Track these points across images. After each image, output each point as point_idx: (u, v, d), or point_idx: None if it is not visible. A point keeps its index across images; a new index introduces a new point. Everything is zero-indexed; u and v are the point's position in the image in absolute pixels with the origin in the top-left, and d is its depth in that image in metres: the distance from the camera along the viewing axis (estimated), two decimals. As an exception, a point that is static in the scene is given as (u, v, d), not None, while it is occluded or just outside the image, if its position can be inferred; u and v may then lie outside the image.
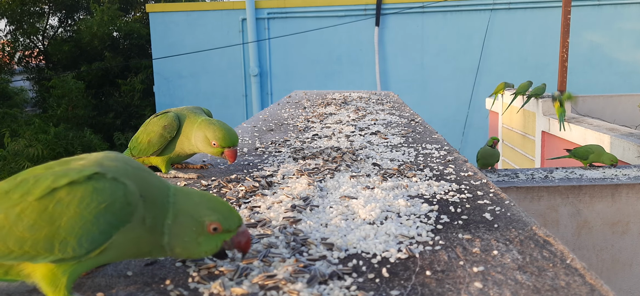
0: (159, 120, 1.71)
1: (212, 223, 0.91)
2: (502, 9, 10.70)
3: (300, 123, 2.85)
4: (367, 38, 10.92)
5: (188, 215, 0.90)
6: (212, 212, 0.91)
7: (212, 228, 0.91)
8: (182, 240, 0.90)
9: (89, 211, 0.81)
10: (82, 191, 0.82)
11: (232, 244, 0.94)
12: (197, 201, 0.92)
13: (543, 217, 3.26)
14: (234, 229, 0.93)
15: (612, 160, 3.58)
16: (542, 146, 6.26)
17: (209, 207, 0.92)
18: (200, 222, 0.90)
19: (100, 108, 13.66)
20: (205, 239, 0.91)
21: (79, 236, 0.81)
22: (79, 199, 0.81)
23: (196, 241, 0.90)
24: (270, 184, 1.58)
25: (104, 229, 0.82)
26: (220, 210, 0.93)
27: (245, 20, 10.92)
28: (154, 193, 0.90)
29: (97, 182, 0.83)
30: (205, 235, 0.91)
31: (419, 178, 1.62)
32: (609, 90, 9.68)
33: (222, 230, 0.91)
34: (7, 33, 16.33)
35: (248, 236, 0.95)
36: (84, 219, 0.81)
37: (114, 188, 0.84)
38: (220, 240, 0.92)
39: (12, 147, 9.86)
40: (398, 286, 0.92)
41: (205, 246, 0.91)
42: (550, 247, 1.05)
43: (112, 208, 0.82)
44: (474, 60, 10.81)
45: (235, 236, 0.94)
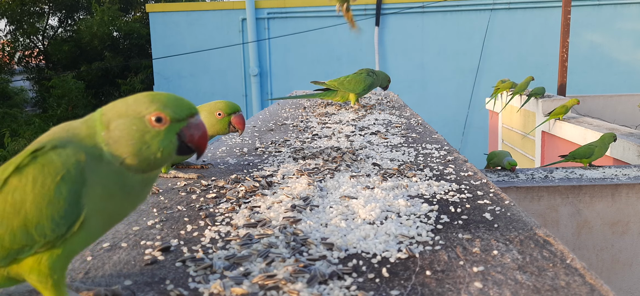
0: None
1: (152, 114, 0.79)
2: (502, 9, 10.70)
3: (300, 123, 2.85)
4: (367, 38, 10.92)
5: (121, 116, 0.80)
6: (150, 103, 0.80)
7: (154, 119, 0.80)
8: (126, 145, 0.79)
9: (47, 187, 0.76)
10: (32, 172, 0.77)
11: (185, 137, 0.82)
12: (131, 100, 0.82)
13: (543, 217, 3.26)
14: (183, 117, 0.82)
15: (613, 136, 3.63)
16: (542, 146, 6.26)
17: (145, 100, 0.81)
18: (139, 117, 0.80)
19: (100, 108, 13.65)
20: (153, 136, 0.80)
21: (50, 216, 0.76)
22: (32, 181, 0.77)
23: (143, 141, 0.79)
24: (270, 184, 1.58)
25: (71, 199, 0.77)
26: (160, 99, 0.81)
27: (245, 20, 10.92)
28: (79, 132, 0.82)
29: (43, 158, 0.78)
30: (150, 131, 0.80)
31: (419, 178, 1.62)
32: (609, 90, 9.67)
33: (168, 121, 0.80)
34: (7, 33, 16.33)
35: (203, 128, 0.85)
36: (46, 197, 0.76)
37: (63, 157, 0.78)
38: (173, 132, 0.81)
39: (13, 147, 9.87)
40: (398, 286, 0.92)
41: (157, 144, 0.80)
42: (550, 247, 1.05)
43: (69, 175, 0.77)
44: (474, 60, 10.81)
45: (186, 127, 0.82)
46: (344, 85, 3.34)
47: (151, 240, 1.17)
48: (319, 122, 2.83)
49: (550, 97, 6.18)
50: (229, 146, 2.26)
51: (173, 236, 1.19)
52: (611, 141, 3.69)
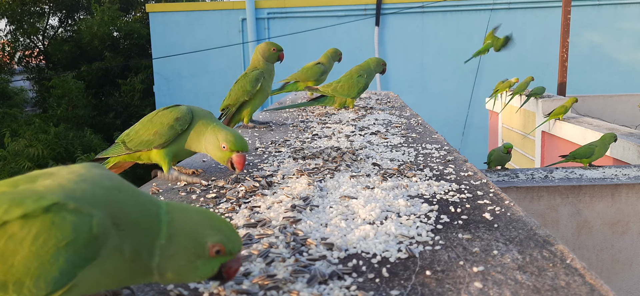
0: (171, 112, 1.67)
1: (215, 245, 0.80)
2: (502, 9, 10.70)
3: (300, 123, 2.85)
4: (367, 38, 10.92)
5: (187, 235, 0.80)
6: (216, 232, 0.81)
7: (215, 250, 0.80)
8: (176, 263, 0.79)
9: (46, 250, 0.68)
10: (38, 226, 0.69)
11: (224, 267, 0.84)
12: (197, 219, 0.82)
13: (543, 217, 3.26)
14: (235, 252, 0.83)
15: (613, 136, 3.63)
16: (542, 146, 6.26)
17: (211, 226, 0.81)
18: (202, 243, 0.80)
19: (100, 108, 13.66)
20: (204, 262, 0.81)
21: (35, 278, 0.68)
22: (33, 236, 0.68)
23: (193, 264, 0.80)
24: (270, 184, 1.58)
25: (65, 269, 0.69)
26: (224, 231, 0.82)
27: (245, 20, 10.92)
28: (134, 216, 0.77)
29: (56, 215, 0.70)
30: (205, 258, 0.80)
31: (419, 178, 1.62)
32: (609, 90, 9.67)
33: (224, 253, 0.81)
34: (7, 33, 16.33)
35: (240, 264, 0.87)
36: (40, 259, 0.68)
37: (77, 222, 0.70)
38: (218, 263, 0.82)
39: (13, 147, 9.86)
40: (398, 286, 0.92)
41: (202, 270, 0.81)
42: (550, 247, 1.05)
43: (74, 245, 0.70)
44: (474, 60, 10.80)
45: (232, 261, 0.84)
46: (338, 91, 3.25)
47: (151, 240, 1.17)
48: (319, 122, 2.83)
49: (550, 97, 6.18)
50: (229, 146, 2.26)
51: (173, 236, 1.19)
52: (611, 141, 3.70)
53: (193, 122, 1.66)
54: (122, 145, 1.74)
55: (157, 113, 1.70)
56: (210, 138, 1.62)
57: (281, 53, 2.75)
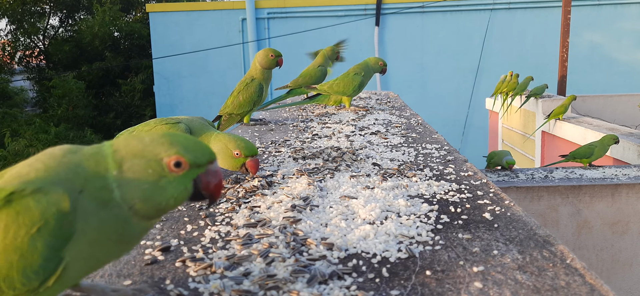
0: (168, 129, 1.63)
1: (172, 158, 0.74)
2: (502, 9, 10.70)
3: (300, 123, 2.85)
4: (367, 38, 10.92)
5: (137, 156, 0.74)
6: (171, 146, 0.75)
7: (173, 163, 0.74)
8: (139, 189, 0.73)
9: (20, 240, 0.66)
10: (5, 219, 0.67)
11: (201, 184, 0.78)
12: (148, 139, 0.76)
13: (543, 217, 3.26)
14: (203, 163, 0.77)
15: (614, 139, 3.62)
16: (542, 146, 6.26)
17: (165, 141, 0.75)
18: (157, 159, 0.74)
19: (100, 109, 13.67)
20: (169, 181, 0.74)
21: (21, 270, 0.67)
22: (3, 229, 0.66)
23: (157, 185, 0.74)
24: (270, 184, 1.58)
25: (47, 254, 0.67)
26: (181, 142, 0.76)
27: (245, 20, 10.92)
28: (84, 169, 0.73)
29: (18, 204, 0.68)
30: (167, 176, 0.74)
31: (419, 178, 1.62)
32: (609, 90, 9.67)
33: (188, 166, 0.75)
34: (8, 33, 16.33)
35: (220, 177, 0.80)
36: (18, 250, 0.66)
37: (42, 204, 0.68)
38: (189, 178, 0.76)
39: (13, 147, 9.87)
40: (398, 286, 0.92)
41: (171, 190, 0.75)
42: (550, 247, 1.05)
43: (46, 228, 0.67)
44: (474, 60, 10.81)
45: (204, 174, 0.78)
46: (334, 89, 3.26)
47: (151, 239, 1.17)
48: (319, 122, 2.83)
49: (550, 97, 6.18)
50: (229, 146, 2.26)
51: (173, 236, 1.19)
52: (611, 143, 3.69)
53: None
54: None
55: (156, 127, 1.68)
56: (220, 148, 1.61)
57: (280, 58, 2.77)
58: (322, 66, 3.76)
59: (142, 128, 1.72)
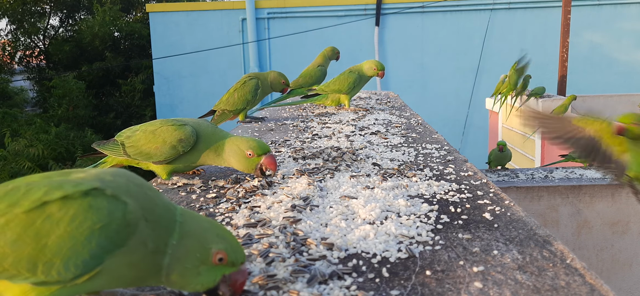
0: (175, 131, 1.61)
1: (219, 252, 0.82)
2: (502, 9, 10.70)
3: (300, 123, 2.85)
4: (367, 38, 10.91)
5: (195, 238, 0.82)
6: (221, 240, 0.83)
7: (218, 258, 0.82)
8: (182, 265, 0.81)
9: (81, 231, 0.72)
10: (76, 207, 0.73)
11: (229, 280, 0.84)
12: (205, 226, 0.84)
13: (543, 217, 3.26)
14: (237, 264, 0.85)
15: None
16: (542, 146, 6.26)
17: (217, 234, 0.84)
18: (207, 248, 0.82)
19: (100, 109, 13.67)
20: (207, 269, 0.82)
21: (66, 259, 0.71)
22: (71, 216, 0.72)
23: (197, 269, 0.82)
24: (270, 184, 1.58)
25: (96, 253, 0.73)
26: (229, 240, 0.84)
27: (245, 20, 10.91)
28: (158, 213, 0.81)
29: (95, 199, 0.74)
30: (208, 264, 0.82)
31: (419, 178, 1.62)
32: (609, 90, 9.67)
33: (226, 262, 0.83)
34: (8, 32, 16.33)
35: (246, 277, 0.87)
36: (74, 239, 0.72)
37: (113, 207, 0.75)
38: (220, 273, 0.83)
39: (13, 147, 9.86)
40: (398, 286, 0.92)
41: (204, 277, 0.82)
42: (550, 247, 1.05)
43: (107, 229, 0.73)
44: (474, 60, 10.80)
45: (236, 272, 0.85)
46: (330, 88, 3.30)
47: (151, 240, 1.17)
48: (319, 122, 2.83)
49: (550, 97, 6.17)
50: (229, 146, 2.26)
51: (173, 236, 1.19)
52: None
53: (197, 142, 1.62)
54: (121, 147, 1.69)
55: (162, 127, 1.64)
56: (233, 150, 1.59)
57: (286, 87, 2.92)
58: (321, 66, 3.80)
59: (146, 128, 1.68)
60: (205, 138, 1.63)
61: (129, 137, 1.69)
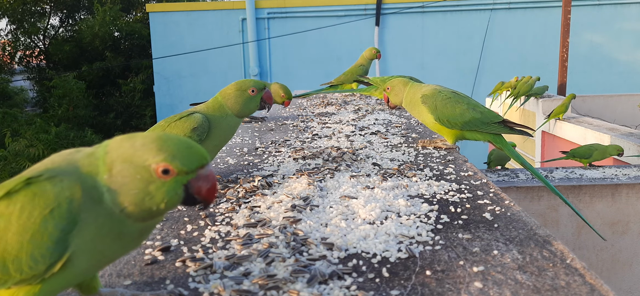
0: (185, 122, 1.56)
1: (159, 165, 0.73)
2: (502, 9, 10.70)
3: (300, 123, 2.85)
4: (367, 38, 10.91)
5: (126, 161, 0.74)
6: (158, 151, 0.74)
7: (160, 170, 0.73)
8: (128, 194, 0.73)
9: (33, 220, 0.70)
10: (22, 199, 0.71)
11: (191, 189, 0.77)
12: (139, 143, 0.75)
13: (543, 217, 3.26)
14: (193, 169, 0.76)
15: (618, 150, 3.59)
16: (542, 146, 6.26)
17: (154, 146, 0.74)
18: (144, 166, 0.73)
19: (101, 109, 13.66)
20: (158, 187, 0.74)
21: (30, 251, 0.70)
22: (19, 209, 0.71)
23: (145, 191, 0.73)
24: (270, 184, 1.58)
25: (56, 236, 0.70)
26: (170, 149, 0.75)
27: (245, 20, 10.92)
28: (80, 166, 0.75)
29: (36, 187, 0.72)
30: (155, 182, 0.74)
31: (419, 178, 1.62)
32: (609, 90, 9.67)
33: (176, 173, 0.74)
34: (8, 32, 16.33)
35: (212, 181, 0.79)
36: (30, 230, 0.70)
37: (56, 189, 0.72)
38: (179, 184, 0.75)
39: (13, 147, 9.86)
40: (398, 286, 0.92)
41: (160, 196, 0.74)
42: (550, 247, 1.05)
43: (58, 210, 0.71)
44: (474, 60, 10.80)
45: (195, 179, 0.76)
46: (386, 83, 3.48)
47: (151, 239, 1.17)
48: (319, 122, 2.83)
49: (550, 97, 6.17)
50: (229, 146, 2.26)
51: (173, 236, 1.19)
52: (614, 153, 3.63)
53: (211, 128, 1.58)
54: None
55: (169, 124, 1.60)
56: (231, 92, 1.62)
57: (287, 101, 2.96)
58: (363, 66, 4.11)
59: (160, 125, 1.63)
60: (215, 119, 1.60)
61: None
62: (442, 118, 2.01)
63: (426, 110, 2.04)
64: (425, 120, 2.08)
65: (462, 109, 2.01)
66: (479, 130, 2.03)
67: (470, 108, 2.02)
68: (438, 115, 2.02)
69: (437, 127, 2.06)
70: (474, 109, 2.03)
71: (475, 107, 2.04)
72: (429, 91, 2.07)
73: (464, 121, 2.00)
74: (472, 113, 2.01)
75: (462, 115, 2.00)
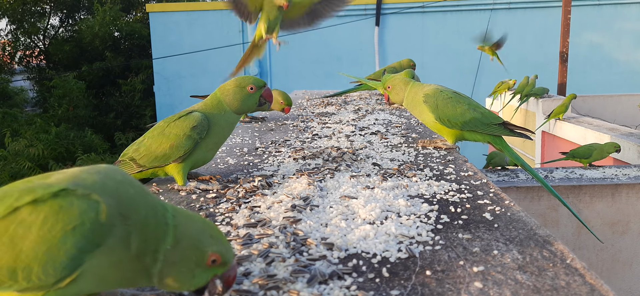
0: (185, 121, 1.56)
1: (213, 255, 0.81)
2: (502, 9, 10.70)
3: (300, 123, 2.85)
4: (367, 38, 10.91)
5: (191, 242, 0.80)
6: (215, 242, 0.82)
7: (212, 260, 0.81)
8: (177, 270, 0.79)
9: (54, 234, 0.70)
10: (47, 210, 0.71)
11: (222, 279, 0.84)
12: (199, 227, 0.82)
13: (543, 217, 3.26)
14: (229, 263, 0.84)
15: (616, 147, 3.60)
16: (542, 146, 6.26)
17: (211, 235, 0.82)
18: (203, 251, 0.80)
19: (101, 109, 13.67)
20: (201, 271, 0.81)
21: (43, 263, 0.70)
22: (42, 220, 0.71)
23: (192, 272, 0.80)
24: (270, 184, 1.58)
25: (73, 254, 0.71)
26: (222, 241, 0.83)
27: (246, 20, 10.92)
28: (143, 212, 0.78)
29: (64, 200, 0.72)
30: (203, 266, 0.81)
31: (419, 178, 1.62)
32: (609, 90, 9.67)
33: (220, 263, 0.82)
34: (8, 32, 16.33)
35: (236, 273, 0.87)
36: (48, 243, 0.70)
37: (84, 206, 0.72)
38: (213, 273, 0.83)
39: (13, 147, 9.86)
40: (398, 286, 0.92)
41: (198, 279, 0.81)
42: (550, 247, 1.05)
43: (81, 229, 0.71)
44: (474, 60, 10.80)
45: (227, 270, 0.84)
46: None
47: (151, 240, 1.17)
48: (319, 122, 2.83)
49: (550, 97, 6.18)
50: (229, 146, 2.26)
51: (173, 236, 1.19)
52: (612, 151, 3.65)
53: (211, 126, 1.58)
54: (131, 163, 1.61)
55: (169, 124, 1.58)
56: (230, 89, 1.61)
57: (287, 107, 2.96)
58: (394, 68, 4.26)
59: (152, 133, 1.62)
60: (214, 117, 1.60)
61: (137, 150, 1.62)
62: (442, 117, 2.01)
63: (427, 109, 2.04)
64: (425, 120, 2.08)
65: (463, 109, 2.01)
66: (479, 131, 2.04)
67: (471, 108, 2.02)
68: (439, 114, 2.01)
69: (437, 127, 2.06)
70: (475, 110, 2.03)
71: (476, 108, 2.04)
72: (430, 90, 2.07)
73: (465, 121, 2.00)
74: (473, 113, 2.01)
75: (462, 115, 2.00)
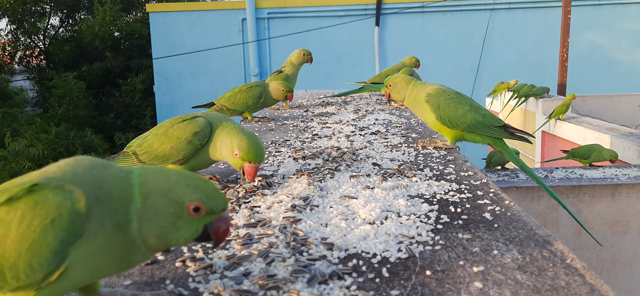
0: (188, 125, 1.56)
1: (193, 203, 0.78)
2: (502, 9, 10.70)
3: (300, 123, 2.85)
4: (367, 38, 10.91)
5: (162, 194, 0.77)
6: (194, 191, 0.79)
7: (192, 208, 0.78)
8: (156, 225, 0.77)
9: (33, 229, 0.70)
10: (23, 207, 0.71)
11: (211, 228, 0.82)
12: (174, 179, 0.79)
13: (543, 217, 3.26)
14: (218, 211, 0.81)
15: (612, 156, 3.59)
16: (542, 146, 6.26)
17: (188, 184, 0.79)
18: (179, 202, 0.78)
19: (101, 108, 13.66)
20: (185, 223, 0.78)
21: (28, 260, 0.70)
22: (20, 217, 0.71)
23: (174, 225, 0.78)
24: (270, 184, 1.58)
25: (56, 247, 0.71)
26: (203, 189, 0.80)
27: (245, 20, 10.92)
28: (108, 187, 0.76)
29: (38, 194, 0.72)
30: (185, 217, 0.78)
31: (419, 178, 1.62)
32: (609, 90, 9.67)
33: (205, 212, 0.79)
34: (8, 32, 16.33)
35: (229, 223, 0.84)
36: (29, 239, 0.70)
37: (59, 198, 0.72)
38: (202, 223, 0.80)
39: (13, 146, 9.86)
40: (398, 286, 0.92)
41: (184, 231, 0.79)
42: (550, 247, 1.05)
43: (59, 221, 0.71)
44: (474, 60, 10.80)
45: (216, 220, 0.82)
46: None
47: (151, 240, 1.17)
48: (319, 122, 2.83)
49: (550, 97, 6.18)
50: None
51: (173, 236, 1.19)
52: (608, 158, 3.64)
53: (212, 133, 1.57)
54: (133, 157, 1.63)
55: (173, 126, 1.59)
56: (226, 141, 1.52)
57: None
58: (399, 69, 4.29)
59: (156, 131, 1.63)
60: (216, 129, 1.57)
61: (140, 145, 1.63)
62: (444, 117, 2.01)
63: (429, 109, 2.04)
64: (426, 119, 2.08)
65: (464, 110, 2.01)
66: (480, 132, 2.04)
67: (473, 110, 2.03)
68: (440, 114, 2.02)
69: (438, 127, 2.06)
70: (476, 111, 2.03)
71: (477, 110, 2.05)
72: (433, 90, 2.07)
73: (466, 122, 2.00)
74: (474, 115, 2.01)
75: (464, 116, 2.00)
